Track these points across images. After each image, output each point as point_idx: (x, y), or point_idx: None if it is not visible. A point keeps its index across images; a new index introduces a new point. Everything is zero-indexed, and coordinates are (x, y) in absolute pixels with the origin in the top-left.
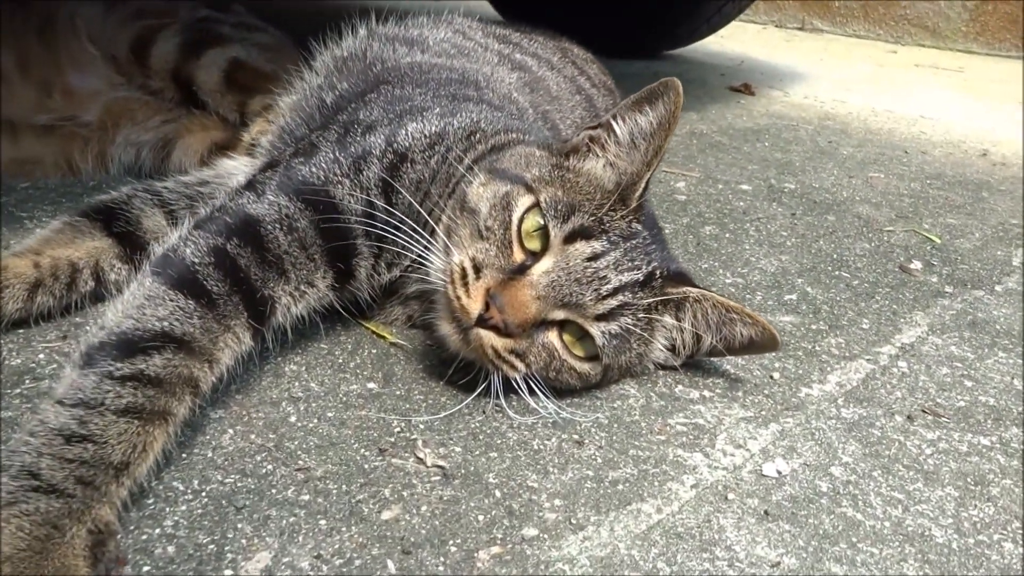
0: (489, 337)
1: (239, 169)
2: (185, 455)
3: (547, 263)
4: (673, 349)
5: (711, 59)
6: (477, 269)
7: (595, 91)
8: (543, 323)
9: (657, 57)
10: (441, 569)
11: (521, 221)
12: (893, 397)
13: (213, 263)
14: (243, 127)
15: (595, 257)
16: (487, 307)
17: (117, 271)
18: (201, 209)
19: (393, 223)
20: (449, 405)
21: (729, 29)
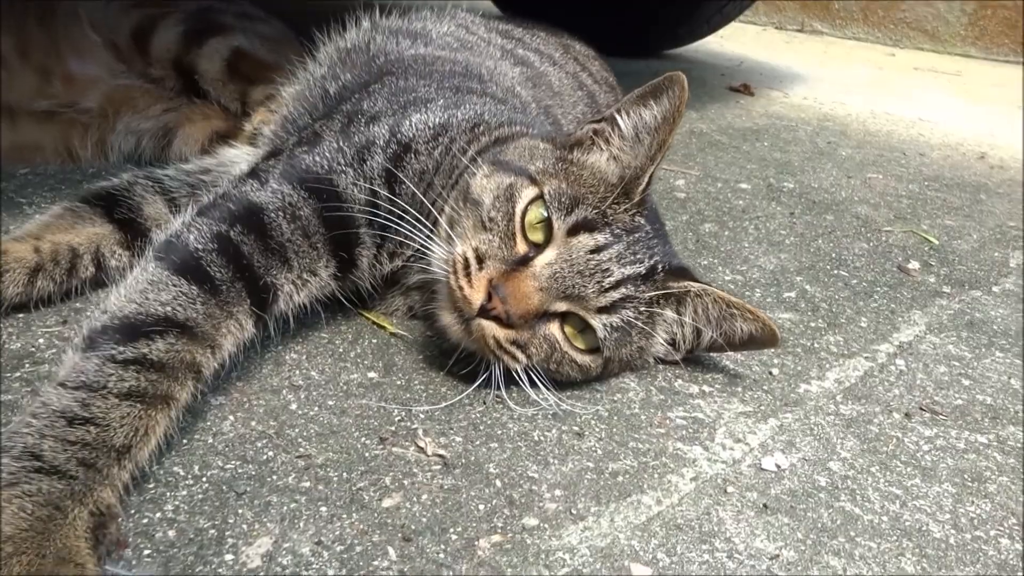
0: (491, 328)
1: (241, 158)
2: (186, 440)
3: (550, 255)
4: (673, 343)
5: (711, 59)
6: (480, 260)
7: (597, 87)
8: (545, 315)
9: (657, 56)
10: (442, 556)
11: (524, 213)
12: (891, 394)
13: (216, 249)
14: (245, 117)
15: (598, 250)
16: (489, 297)
17: (118, 257)
18: (204, 196)
19: (396, 213)
20: (450, 395)
21: (729, 30)
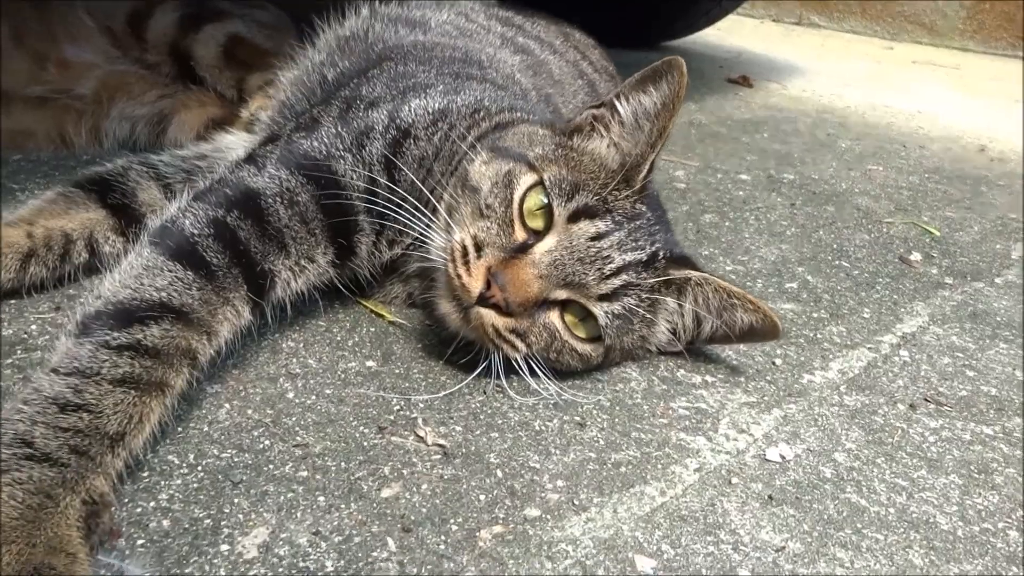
0: (490, 316)
1: (238, 144)
2: (181, 429)
3: (550, 242)
4: (674, 333)
5: (709, 51)
6: (478, 247)
7: (597, 76)
8: (545, 303)
9: (655, 48)
10: (442, 547)
11: (523, 199)
12: (895, 385)
13: (212, 235)
14: (241, 103)
15: (599, 236)
16: (488, 285)
17: (112, 243)
18: (200, 182)
19: (395, 200)
20: (449, 384)
21: (727, 23)
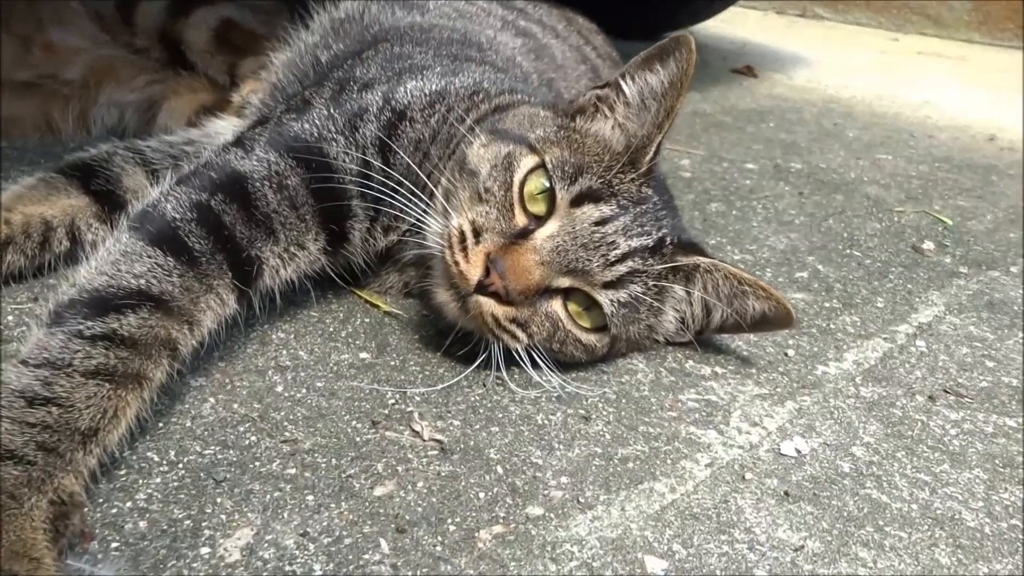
0: (489, 305)
1: (228, 129)
2: (162, 424)
3: (552, 227)
4: (682, 322)
5: (712, 42)
6: (477, 233)
7: (600, 62)
8: (547, 291)
9: (657, 39)
10: (439, 549)
11: (523, 183)
12: (913, 377)
13: (195, 219)
14: (233, 89)
15: (604, 221)
16: (487, 272)
17: (94, 231)
18: (185, 166)
19: (390, 184)
20: (447, 377)
21: (729, 14)
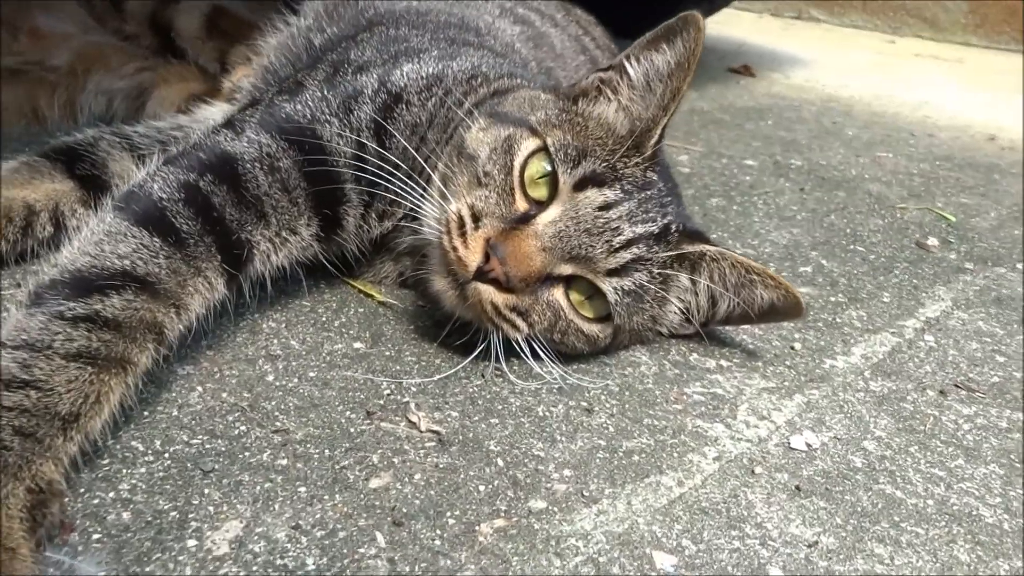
0: (488, 292)
1: (218, 115)
2: (148, 412)
3: (554, 212)
4: (686, 313)
5: (709, 42)
6: (476, 218)
7: (600, 53)
8: (548, 278)
9: None
10: (437, 543)
11: (524, 166)
12: (923, 371)
13: (183, 199)
14: (224, 76)
15: (607, 206)
16: (487, 258)
17: (79, 216)
18: (173, 148)
19: (386, 168)
20: (444, 368)
21: (725, 16)
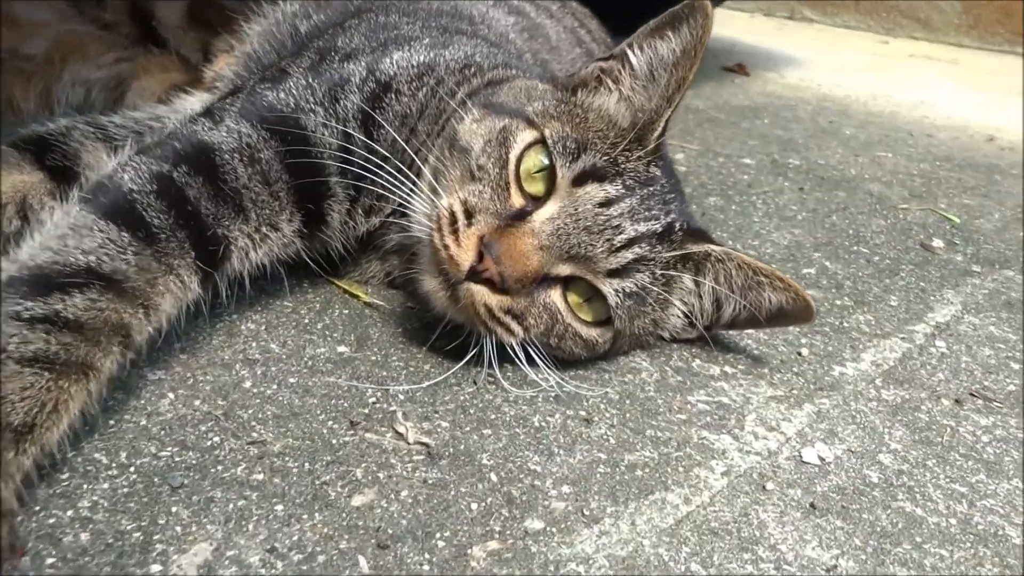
0: (482, 293)
1: (198, 105)
2: (113, 422)
3: (552, 208)
4: (689, 317)
5: None
6: (469, 214)
7: (596, 47)
8: (545, 279)
9: None
10: (426, 568)
11: (520, 159)
12: (936, 379)
13: (155, 191)
14: (207, 65)
15: (608, 203)
16: (480, 257)
17: (49, 210)
18: (148, 138)
19: (374, 161)
20: (434, 374)
21: (717, 15)
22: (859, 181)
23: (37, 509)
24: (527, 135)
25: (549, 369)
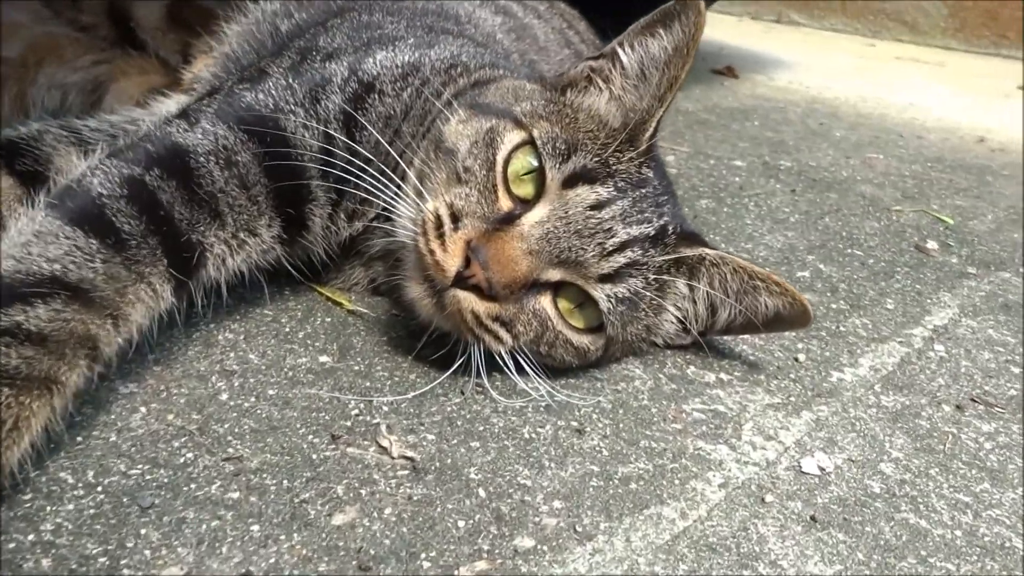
0: (469, 300)
1: (175, 108)
2: (80, 438)
3: (541, 211)
4: (683, 323)
5: None
6: (455, 218)
7: (585, 48)
8: (535, 285)
9: None
10: None
11: (508, 161)
12: (935, 384)
13: (126, 196)
14: (187, 67)
15: (600, 205)
16: (467, 263)
17: (16, 216)
18: (120, 140)
19: (357, 163)
20: (419, 384)
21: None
22: (851, 183)
23: None
24: (515, 136)
25: (539, 378)
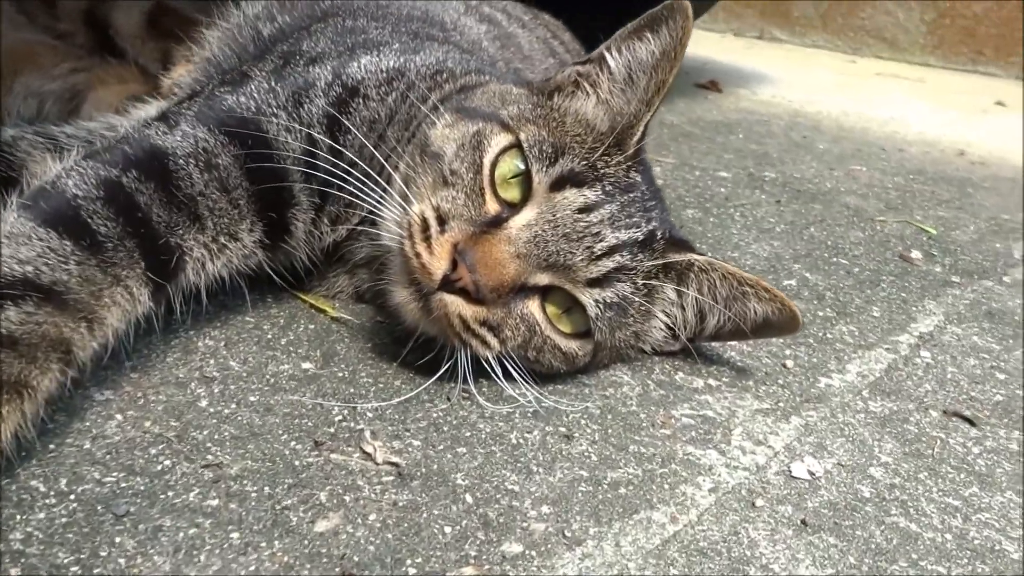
0: (455, 304)
1: (154, 113)
2: (53, 446)
3: (529, 214)
4: (672, 329)
5: None
6: (442, 221)
7: (569, 57)
8: (523, 289)
9: None
10: None
11: (495, 164)
12: (922, 390)
13: (102, 198)
14: (165, 73)
15: (588, 209)
16: (454, 266)
17: None
18: (97, 143)
19: (341, 167)
20: (404, 390)
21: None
22: (835, 194)
23: None
24: (502, 139)
25: (527, 383)
